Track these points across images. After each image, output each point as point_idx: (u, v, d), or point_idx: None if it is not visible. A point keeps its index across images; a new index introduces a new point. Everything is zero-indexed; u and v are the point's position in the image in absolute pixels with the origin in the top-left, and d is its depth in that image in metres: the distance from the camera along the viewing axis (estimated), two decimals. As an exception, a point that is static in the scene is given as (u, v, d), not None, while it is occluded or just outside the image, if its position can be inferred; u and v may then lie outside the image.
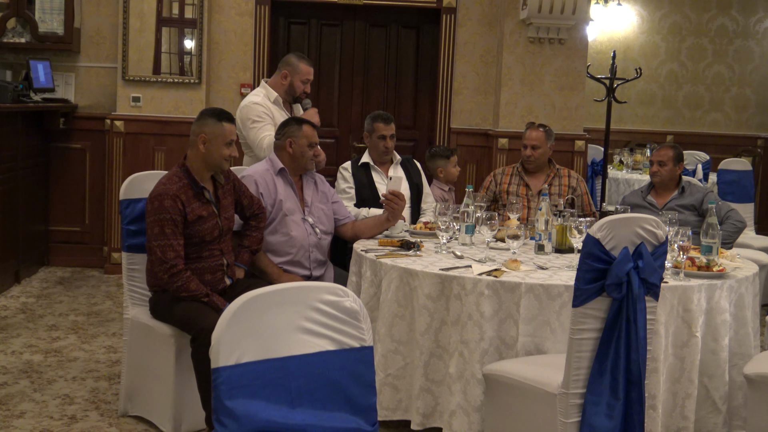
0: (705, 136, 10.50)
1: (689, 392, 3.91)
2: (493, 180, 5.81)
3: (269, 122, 5.30)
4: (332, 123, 8.23)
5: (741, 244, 6.20)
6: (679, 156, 5.68)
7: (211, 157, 4.24)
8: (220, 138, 4.23)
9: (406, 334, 4.02)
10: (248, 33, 7.92)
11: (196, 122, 4.29)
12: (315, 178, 5.01)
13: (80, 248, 8.03)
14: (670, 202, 5.59)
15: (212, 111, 4.35)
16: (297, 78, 5.46)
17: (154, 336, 4.27)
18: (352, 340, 2.48)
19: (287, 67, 5.49)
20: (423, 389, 3.95)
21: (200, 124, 4.26)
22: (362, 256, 4.36)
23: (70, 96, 7.93)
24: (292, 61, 5.51)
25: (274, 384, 2.33)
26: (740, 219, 5.56)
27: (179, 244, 4.13)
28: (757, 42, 10.58)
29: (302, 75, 5.47)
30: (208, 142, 4.21)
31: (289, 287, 2.45)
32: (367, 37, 8.39)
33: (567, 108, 7.80)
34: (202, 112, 4.34)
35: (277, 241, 4.76)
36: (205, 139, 4.21)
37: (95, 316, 6.35)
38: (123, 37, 7.63)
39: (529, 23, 7.58)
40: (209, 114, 4.30)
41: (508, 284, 3.80)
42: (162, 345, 4.21)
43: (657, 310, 3.73)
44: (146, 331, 4.34)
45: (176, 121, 7.67)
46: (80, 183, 8.00)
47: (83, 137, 7.96)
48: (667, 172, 5.64)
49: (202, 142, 4.21)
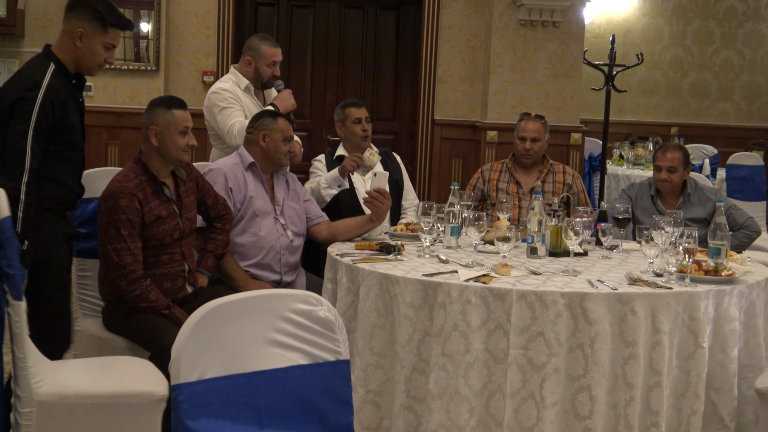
0: (712, 128, 10.57)
1: (695, 408, 3.92)
2: (480, 177, 5.81)
3: (239, 108, 5.32)
4: (304, 115, 8.22)
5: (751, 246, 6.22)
6: (687, 158, 5.55)
7: (166, 149, 4.23)
8: (172, 127, 4.21)
9: (386, 346, 4.01)
10: (211, 15, 7.91)
11: (145, 114, 4.28)
12: (287, 175, 5.01)
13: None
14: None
15: (160, 99, 4.35)
16: (261, 63, 5.46)
17: (107, 350, 4.24)
18: (327, 353, 2.49)
19: (249, 52, 5.50)
20: (404, 407, 3.95)
21: (149, 115, 4.25)
22: (338, 261, 4.35)
23: (13, 84, 7.89)
24: (253, 45, 5.52)
25: (240, 402, 2.33)
26: (757, 229, 5.50)
27: (137, 248, 4.11)
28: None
29: (266, 59, 5.47)
30: (161, 134, 4.20)
31: (256, 295, 2.45)
32: (342, 19, 8.40)
33: (562, 97, 7.83)
34: (150, 104, 4.33)
35: (245, 241, 4.75)
36: (156, 131, 4.20)
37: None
38: (72, 20, 7.60)
39: (521, 4, 7.60)
40: (157, 103, 4.29)
41: (498, 291, 3.80)
42: (116, 360, 4.20)
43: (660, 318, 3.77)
44: (99, 345, 4.32)
45: (131, 112, 7.65)
46: (25, 181, 7.95)
47: (28, 130, 7.92)
48: (678, 179, 5.48)
49: (154, 135, 4.20)
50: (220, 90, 5.40)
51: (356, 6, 8.41)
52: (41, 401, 3.35)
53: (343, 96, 8.02)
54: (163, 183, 4.25)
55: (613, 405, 3.79)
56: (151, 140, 4.21)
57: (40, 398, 3.35)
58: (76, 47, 3.99)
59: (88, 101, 7.52)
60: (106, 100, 7.72)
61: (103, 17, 3.98)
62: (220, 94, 5.36)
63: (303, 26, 8.38)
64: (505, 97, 7.80)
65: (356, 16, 8.41)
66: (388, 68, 8.46)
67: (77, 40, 3.97)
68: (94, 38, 3.99)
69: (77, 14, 4.00)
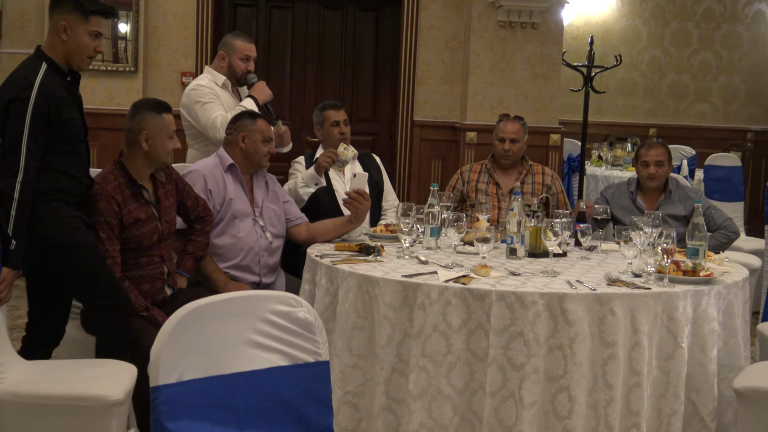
0: (690, 129, 10.63)
1: (675, 408, 3.93)
2: (459, 178, 5.82)
3: (219, 103, 5.33)
4: (283, 116, 8.21)
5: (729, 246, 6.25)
6: (670, 154, 5.66)
7: (156, 154, 4.23)
8: (164, 132, 4.23)
9: (366, 348, 4.00)
10: (190, 16, 7.89)
11: (133, 118, 4.26)
12: (266, 177, 5.00)
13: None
14: (659, 209, 5.56)
15: (148, 103, 4.33)
16: (234, 57, 5.49)
17: (85, 351, 4.23)
18: (306, 354, 2.49)
19: (223, 48, 5.55)
20: (383, 408, 3.95)
21: (139, 120, 4.24)
22: (317, 262, 4.35)
23: (-10, 86, 7.85)
24: (227, 41, 5.58)
25: (219, 404, 2.33)
26: (735, 230, 5.56)
27: (115, 250, 4.10)
28: (746, 27, 10.73)
29: (239, 53, 5.50)
30: (152, 138, 4.20)
31: (235, 297, 2.45)
32: (321, 20, 8.40)
33: (541, 98, 7.85)
34: (136, 107, 4.32)
35: (225, 243, 4.75)
36: (148, 136, 4.19)
37: (19, 330, 6.27)
38: (50, 21, 7.56)
39: (499, 6, 7.62)
40: (146, 107, 4.28)
41: (478, 292, 3.81)
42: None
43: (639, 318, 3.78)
44: (77, 346, 4.30)
45: (110, 113, 7.62)
46: (2, 182, 7.91)
47: (6, 132, 7.88)
48: (664, 173, 5.56)
49: (145, 140, 4.19)
50: (198, 86, 5.41)
51: (335, 7, 8.41)
52: None
53: (323, 97, 8.02)
54: (142, 186, 4.24)
55: (593, 405, 3.79)
56: (141, 145, 4.20)
57: None
58: (63, 42, 3.99)
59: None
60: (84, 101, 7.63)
61: (82, 6, 3.98)
62: (198, 90, 5.37)
63: (282, 27, 8.37)
64: (484, 98, 7.82)
65: (335, 17, 8.41)
66: (368, 69, 8.46)
67: (62, 34, 3.97)
68: (77, 29, 3.99)
69: (59, 9, 4.01)
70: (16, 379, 3.53)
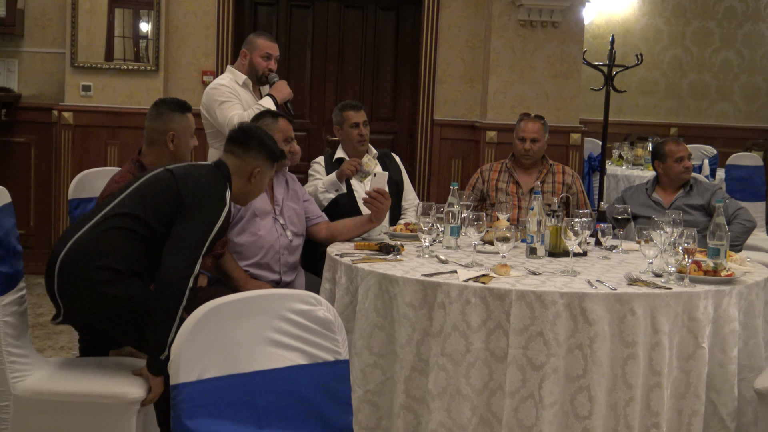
0: (712, 129, 10.57)
1: (696, 409, 3.92)
2: (480, 177, 5.81)
3: (237, 102, 5.36)
4: (303, 115, 8.23)
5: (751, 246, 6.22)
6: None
7: (180, 153, 4.26)
8: (188, 131, 4.27)
9: (385, 346, 4.01)
10: (211, 15, 7.90)
11: (158, 119, 4.26)
12: (286, 176, 5.01)
13: (24, 253, 7.91)
14: (677, 201, 5.58)
15: (173, 103, 4.34)
16: (255, 54, 5.55)
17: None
18: (326, 353, 2.49)
19: (245, 46, 5.63)
20: (403, 407, 3.95)
21: (165, 120, 4.24)
22: (337, 261, 4.35)
23: (12, 85, 7.88)
24: (249, 39, 5.65)
25: (239, 402, 2.33)
26: (749, 218, 5.57)
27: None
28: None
29: (260, 50, 5.55)
30: (177, 138, 4.23)
31: (255, 295, 2.45)
32: (341, 19, 8.40)
33: (561, 98, 7.82)
34: (158, 107, 4.32)
35: (245, 241, 4.75)
36: (174, 137, 4.21)
37: (41, 328, 6.32)
38: (72, 20, 7.60)
39: (520, 5, 7.60)
40: (170, 107, 4.29)
41: (497, 291, 3.80)
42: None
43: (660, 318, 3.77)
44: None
45: (131, 112, 7.64)
46: (24, 181, 7.95)
47: (28, 130, 7.92)
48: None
49: (171, 140, 4.21)
50: (217, 86, 5.46)
51: (356, 6, 8.41)
52: (17, 396, 3.46)
53: (343, 96, 8.02)
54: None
55: (613, 405, 3.78)
56: (167, 145, 4.22)
57: (17, 393, 3.47)
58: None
59: (87, 101, 7.58)
60: (105, 100, 7.70)
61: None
62: (217, 89, 5.42)
63: (302, 26, 8.38)
64: (504, 97, 7.80)
65: (356, 16, 8.41)
66: (388, 68, 8.46)
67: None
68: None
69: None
70: (37, 377, 3.55)
